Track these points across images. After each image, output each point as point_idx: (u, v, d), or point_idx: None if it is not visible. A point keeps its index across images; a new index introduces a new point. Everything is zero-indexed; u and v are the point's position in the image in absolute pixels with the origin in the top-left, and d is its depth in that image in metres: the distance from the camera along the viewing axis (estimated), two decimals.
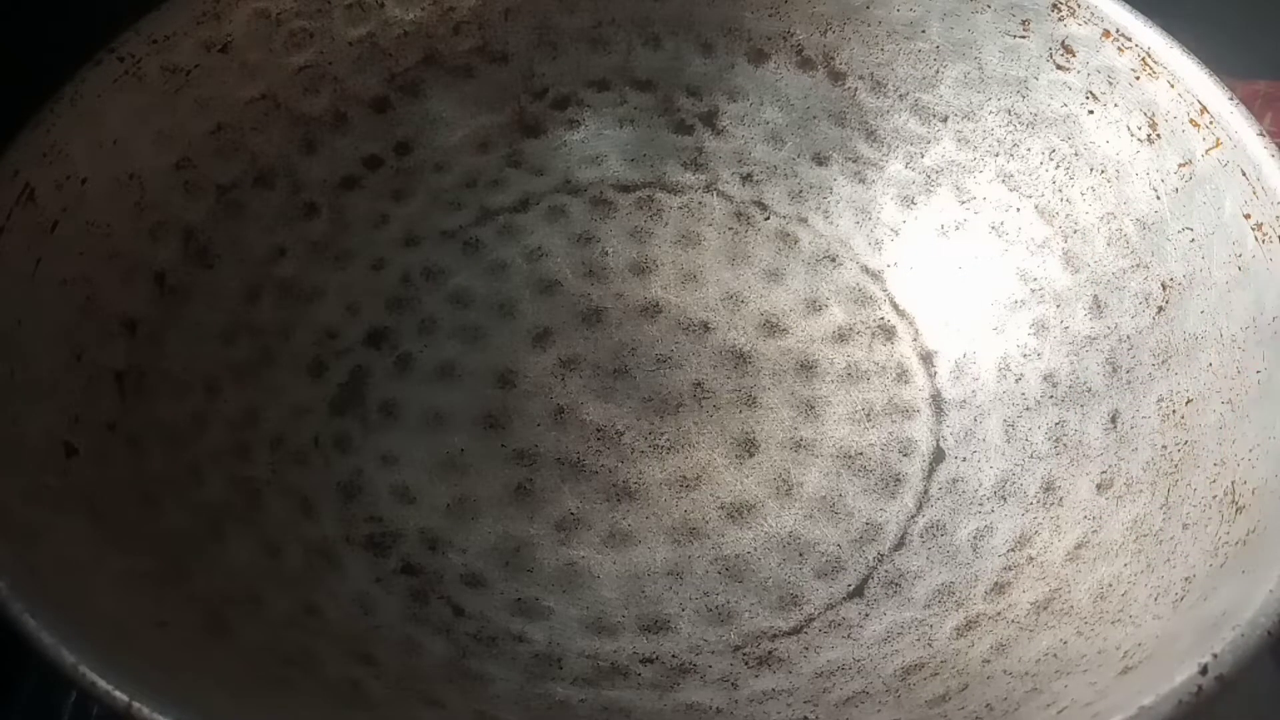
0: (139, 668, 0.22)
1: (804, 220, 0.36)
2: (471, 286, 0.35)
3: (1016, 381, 0.32)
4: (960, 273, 0.35)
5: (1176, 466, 0.27)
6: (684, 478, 0.31)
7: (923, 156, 0.35)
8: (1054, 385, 0.32)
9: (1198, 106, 0.29)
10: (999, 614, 0.28)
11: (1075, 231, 0.32)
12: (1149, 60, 0.30)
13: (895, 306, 0.34)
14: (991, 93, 0.33)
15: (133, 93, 0.29)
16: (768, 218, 0.36)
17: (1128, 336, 0.30)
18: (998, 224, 0.34)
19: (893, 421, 0.33)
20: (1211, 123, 0.29)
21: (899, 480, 0.32)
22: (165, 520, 0.27)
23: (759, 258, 0.36)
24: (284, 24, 0.32)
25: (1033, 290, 0.33)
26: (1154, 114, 0.30)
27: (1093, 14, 0.31)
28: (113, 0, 0.30)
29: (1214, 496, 0.26)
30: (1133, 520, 0.28)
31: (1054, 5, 0.31)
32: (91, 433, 0.27)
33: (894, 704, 0.26)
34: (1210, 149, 0.29)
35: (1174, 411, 0.28)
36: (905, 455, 0.32)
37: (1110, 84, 0.31)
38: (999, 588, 0.28)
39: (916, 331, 0.34)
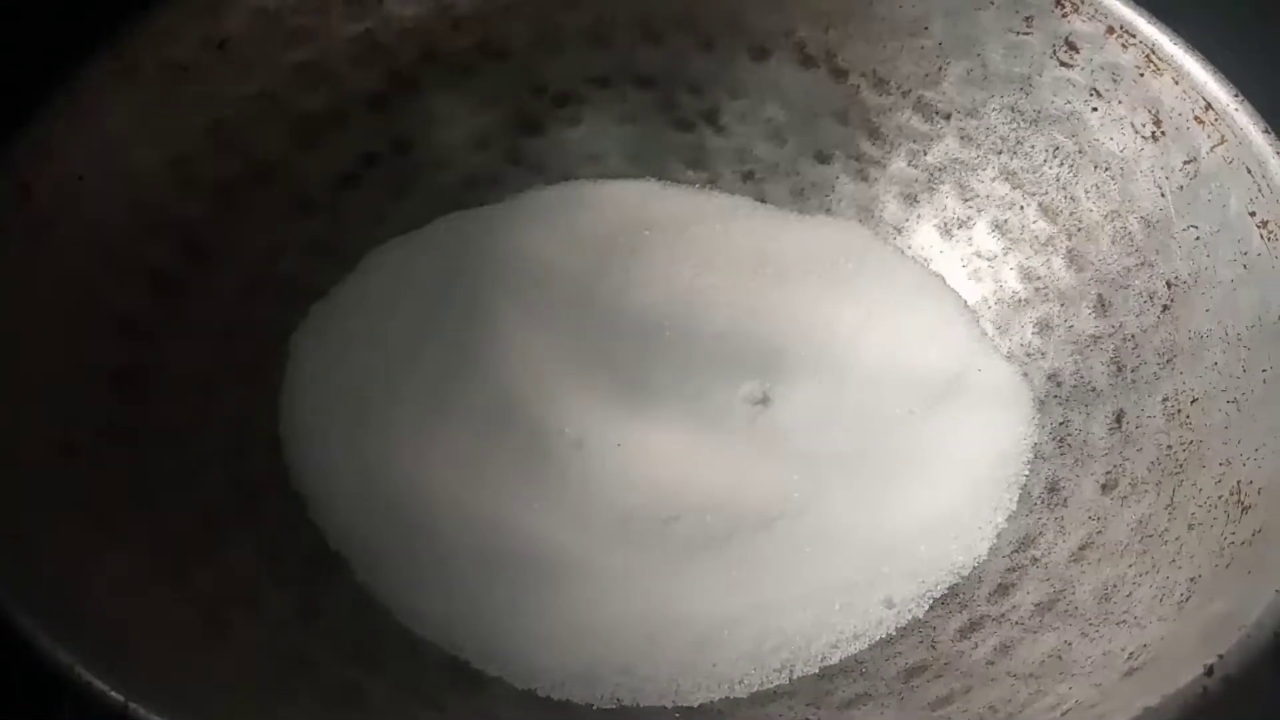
0: (136, 668, 0.22)
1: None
2: None
3: (1020, 381, 0.32)
4: (963, 270, 0.34)
5: (1182, 466, 0.27)
6: None
7: (925, 154, 0.35)
8: (1058, 385, 0.32)
9: (1202, 103, 0.29)
10: (1003, 615, 0.28)
11: (1079, 229, 0.32)
12: (1153, 57, 0.30)
13: None
14: (995, 90, 0.33)
15: (130, 90, 0.29)
16: None
17: (1132, 336, 0.30)
18: (1001, 222, 0.34)
19: None
20: (1216, 119, 0.29)
21: None
22: (165, 520, 0.27)
23: None
24: (283, 20, 0.32)
25: (1037, 289, 0.33)
26: (1158, 111, 0.30)
27: (1096, 10, 0.31)
28: None
29: (1220, 497, 0.26)
30: (1138, 521, 0.27)
31: (1057, 2, 0.31)
32: (91, 433, 0.27)
33: (897, 706, 0.26)
34: (1215, 146, 0.29)
35: (1179, 411, 0.28)
36: None
37: (1114, 81, 0.31)
38: (1003, 589, 0.28)
39: None
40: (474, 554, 0.29)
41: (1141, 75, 0.30)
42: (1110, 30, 0.31)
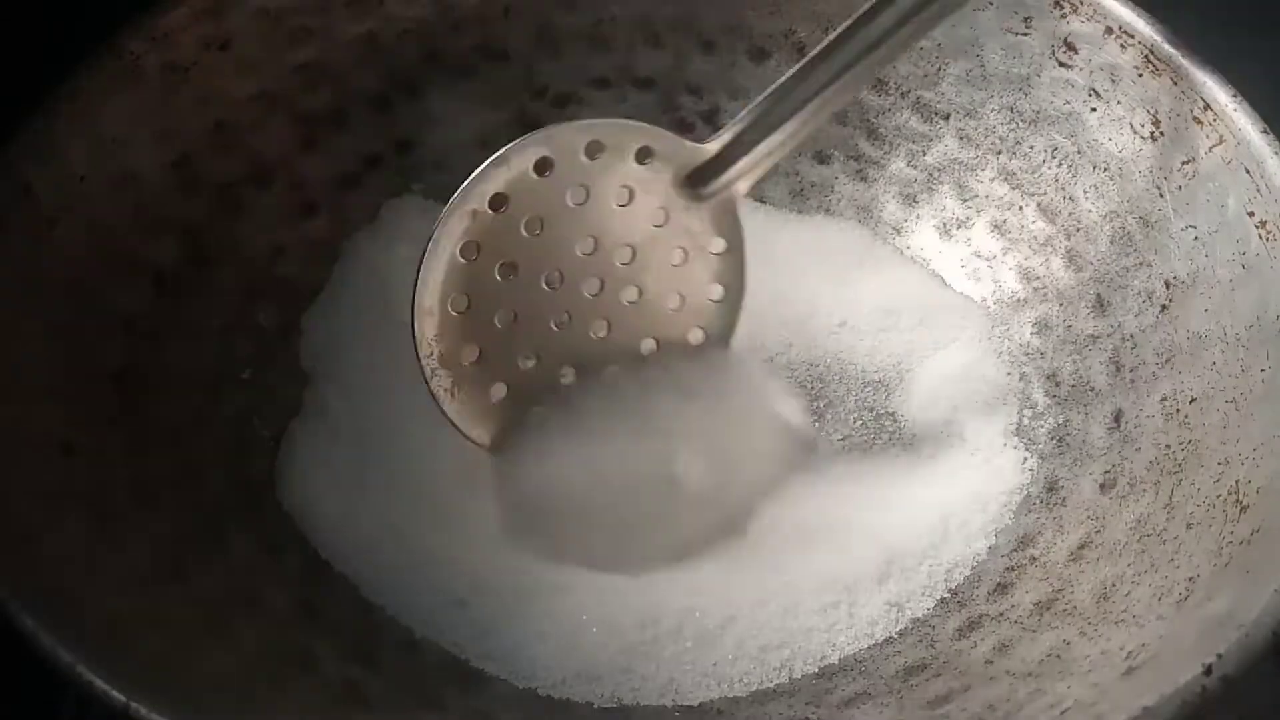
0: (137, 667, 0.22)
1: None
2: None
3: (1020, 381, 0.32)
4: (962, 271, 0.34)
5: (1180, 466, 0.27)
6: None
7: (924, 154, 0.35)
8: (1057, 384, 0.32)
9: (1201, 104, 0.29)
10: (1001, 614, 0.28)
11: (1078, 229, 0.32)
12: (1152, 57, 0.30)
13: None
14: (994, 90, 0.33)
15: (132, 90, 0.29)
16: None
17: (1131, 335, 0.30)
18: (1000, 222, 0.34)
19: None
20: (1215, 120, 0.29)
21: None
22: (165, 520, 0.27)
23: None
24: (284, 21, 0.32)
25: (1035, 289, 0.33)
26: (1157, 111, 0.30)
27: (1095, 11, 0.31)
28: None
29: (1218, 496, 0.26)
30: (1136, 520, 0.27)
31: (1056, 2, 0.31)
32: (91, 432, 0.27)
33: (895, 704, 0.26)
34: (1214, 146, 0.29)
35: (1178, 410, 0.28)
36: None
37: (1113, 81, 0.31)
38: (1001, 588, 0.28)
39: None
40: (473, 553, 0.29)
41: (1140, 76, 0.30)
42: (1109, 30, 0.31)
